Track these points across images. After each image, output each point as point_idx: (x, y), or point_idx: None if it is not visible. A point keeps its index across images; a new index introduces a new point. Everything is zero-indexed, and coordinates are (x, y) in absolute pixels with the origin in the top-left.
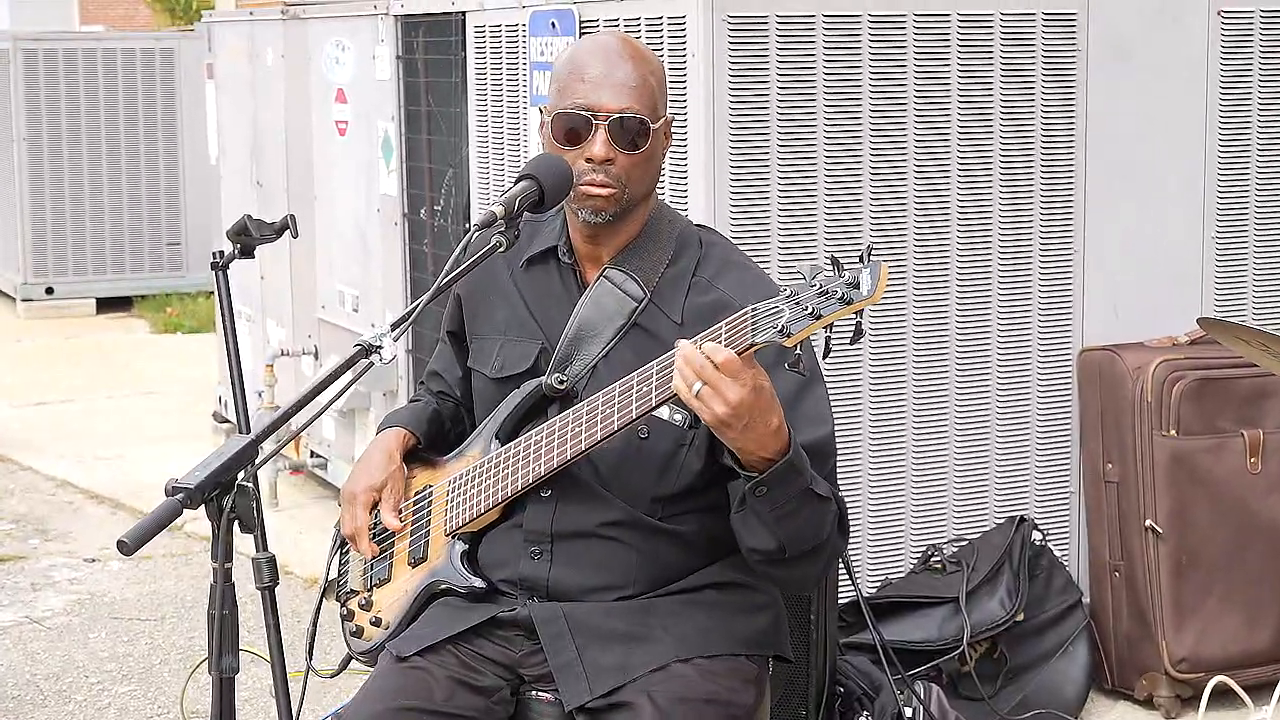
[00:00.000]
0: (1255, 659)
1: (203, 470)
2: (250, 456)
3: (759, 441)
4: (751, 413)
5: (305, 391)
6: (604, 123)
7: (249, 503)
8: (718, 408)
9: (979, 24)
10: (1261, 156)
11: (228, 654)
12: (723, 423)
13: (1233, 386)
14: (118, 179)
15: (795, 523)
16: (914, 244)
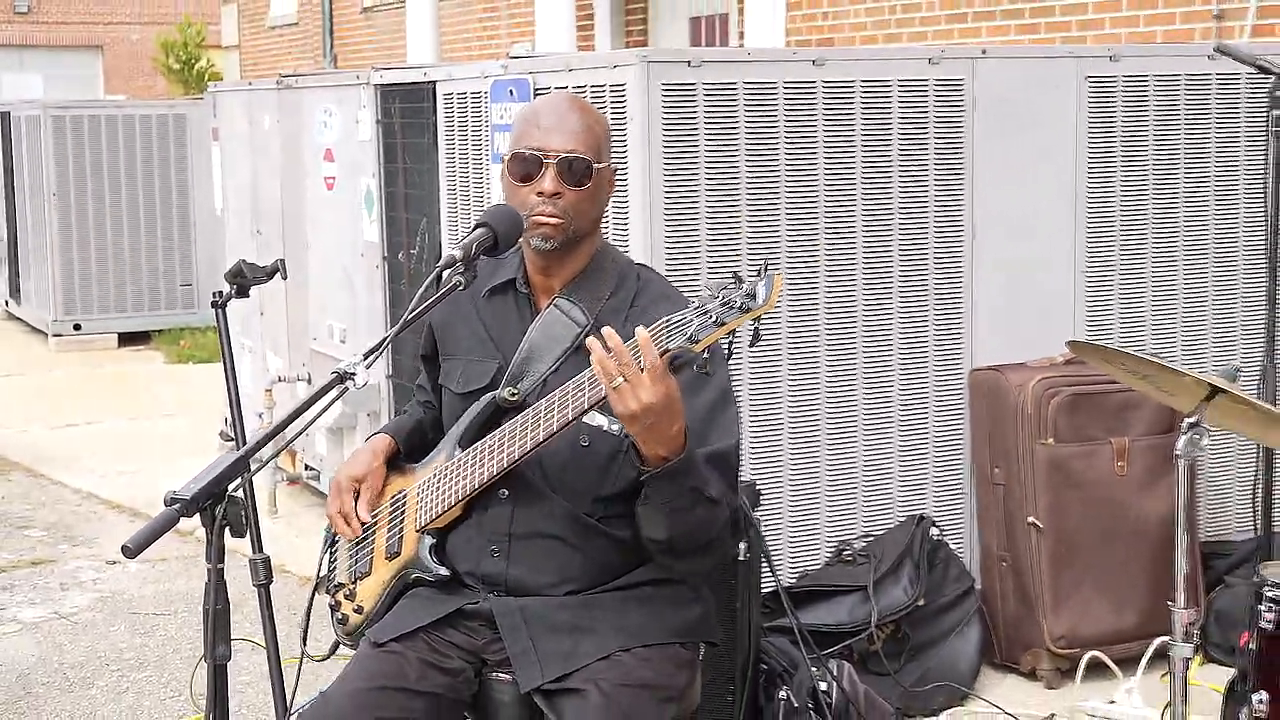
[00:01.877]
0: (1123, 636)
1: (197, 483)
2: (239, 470)
3: (659, 441)
4: (658, 414)
5: (288, 414)
6: (553, 161)
7: (239, 511)
8: (631, 403)
9: (879, 88)
10: (1123, 201)
11: (221, 644)
12: (632, 417)
13: (1102, 400)
14: (136, 228)
15: (685, 519)
16: (825, 276)
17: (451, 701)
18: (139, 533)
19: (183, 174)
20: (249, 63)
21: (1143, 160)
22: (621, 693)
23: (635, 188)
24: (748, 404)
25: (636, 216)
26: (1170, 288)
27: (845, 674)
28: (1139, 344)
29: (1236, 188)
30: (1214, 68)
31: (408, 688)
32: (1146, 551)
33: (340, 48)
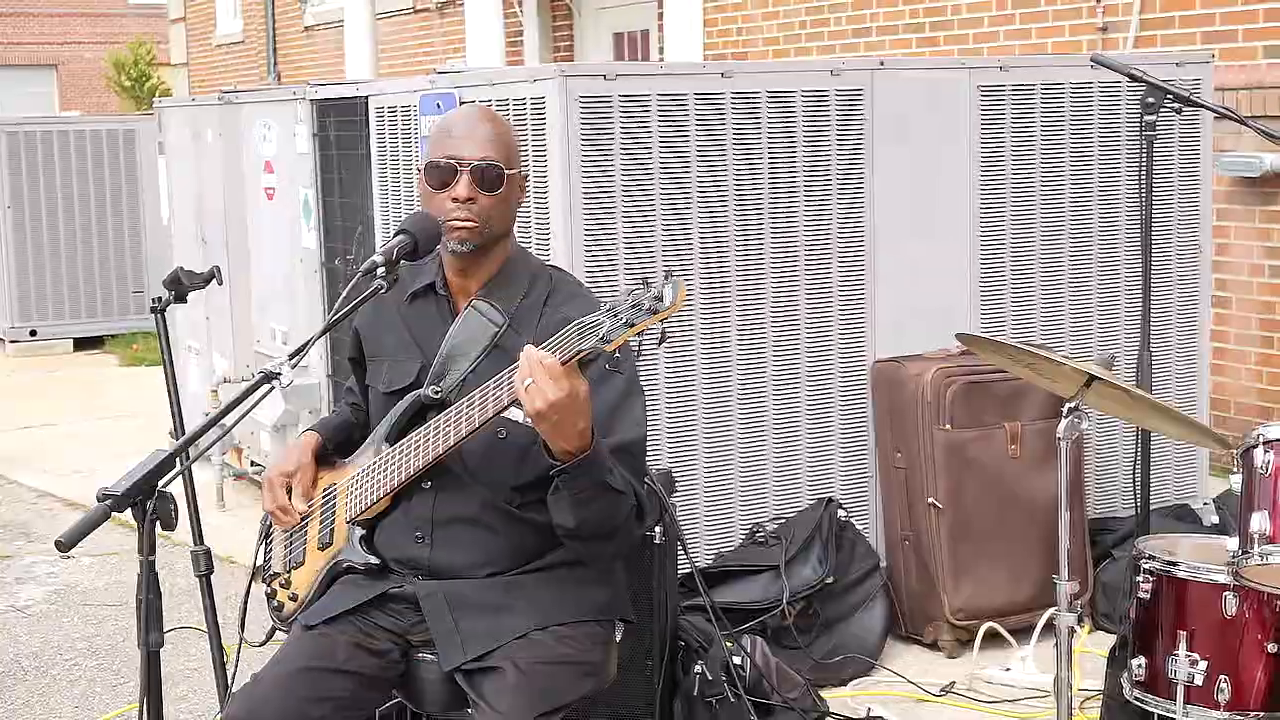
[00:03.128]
0: (1018, 608)
1: (128, 480)
2: (168, 468)
3: (566, 438)
4: (564, 413)
5: (215, 414)
6: (467, 169)
7: (168, 506)
8: (538, 402)
9: (784, 99)
10: (1013, 203)
11: (153, 630)
12: (540, 414)
13: (995, 388)
14: (89, 238)
15: (591, 508)
16: (735, 276)
17: (379, 680)
18: (72, 528)
19: (133, 185)
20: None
21: (1031, 164)
22: (539, 669)
23: (556, 194)
24: (664, 396)
25: (557, 221)
26: (1057, 283)
27: (758, 648)
28: (1029, 336)
29: (1118, 189)
30: (1096, 76)
31: (336, 668)
32: (1038, 528)
33: (284, 64)
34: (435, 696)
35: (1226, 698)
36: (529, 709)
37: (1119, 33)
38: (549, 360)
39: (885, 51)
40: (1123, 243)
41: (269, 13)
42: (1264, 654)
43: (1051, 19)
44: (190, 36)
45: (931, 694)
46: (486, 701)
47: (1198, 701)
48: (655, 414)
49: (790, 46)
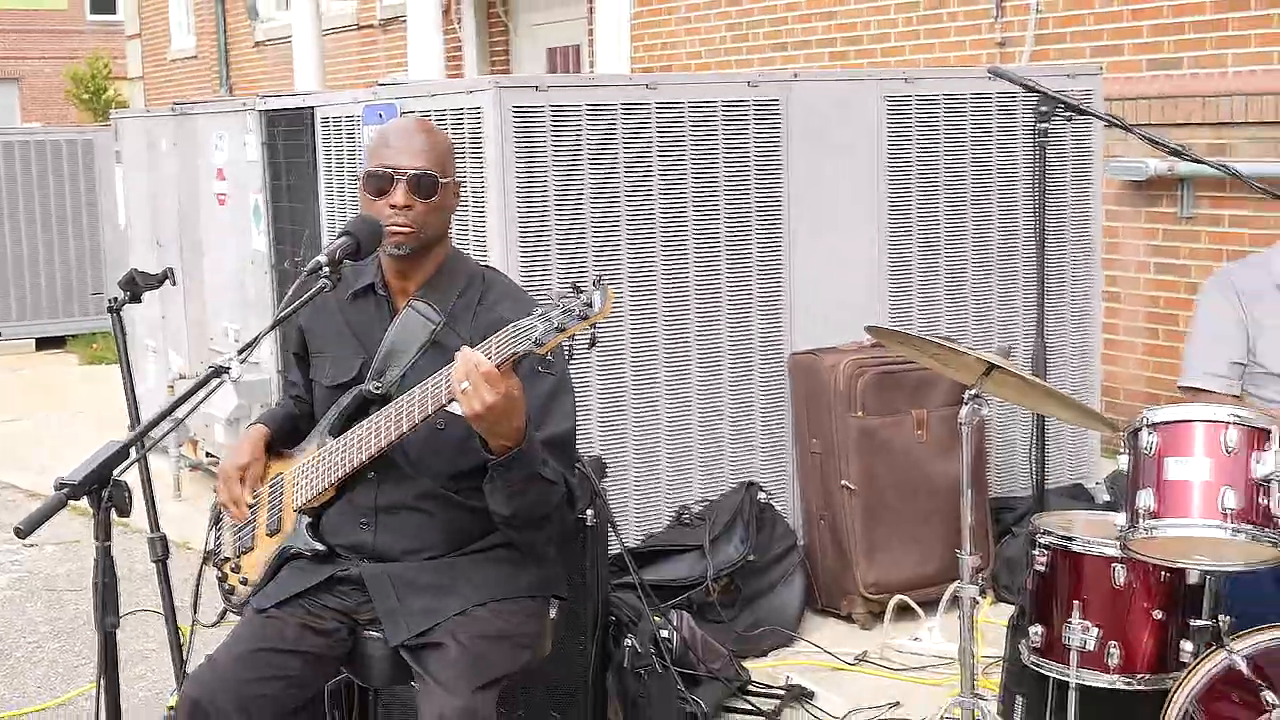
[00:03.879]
0: (926, 582)
1: (83, 469)
2: (122, 457)
3: (503, 435)
4: (499, 414)
5: (167, 406)
6: (403, 178)
7: (123, 494)
8: (475, 405)
9: (705, 108)
10: (919, 205)
11: (109, 613)
12: (477, 416)
13: (903, 377)
14: (50, 242)
15: (525, 498)
16: (661, 274)
17: (328, 659)
18: (30, 515)
19: (92, 193)
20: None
21: (935, 168)
22: (478, 643)
23: (492, 199)
24: (595, 388)
25: (493, 225)
26: (960, 279)
27: (685, 623)
28: (935, 328)
29: (1016, 191)
30: (994, 87)
31: (286, 648)
32: (943, 507)
33: (235, 77)
34: (381, 671)
35: (1117, 662)
36: (469, 680)
37: (1016, 47)
38: (485, 367)
39: (800, 65)
40: (1021, 241)
41: (220, 29)
42: (1150, 620)
43: (954, 34)
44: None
45: (846, 663)
46: (429, 674)
47: (1091, 666)
48: (587, 405)
49: (712, 60)
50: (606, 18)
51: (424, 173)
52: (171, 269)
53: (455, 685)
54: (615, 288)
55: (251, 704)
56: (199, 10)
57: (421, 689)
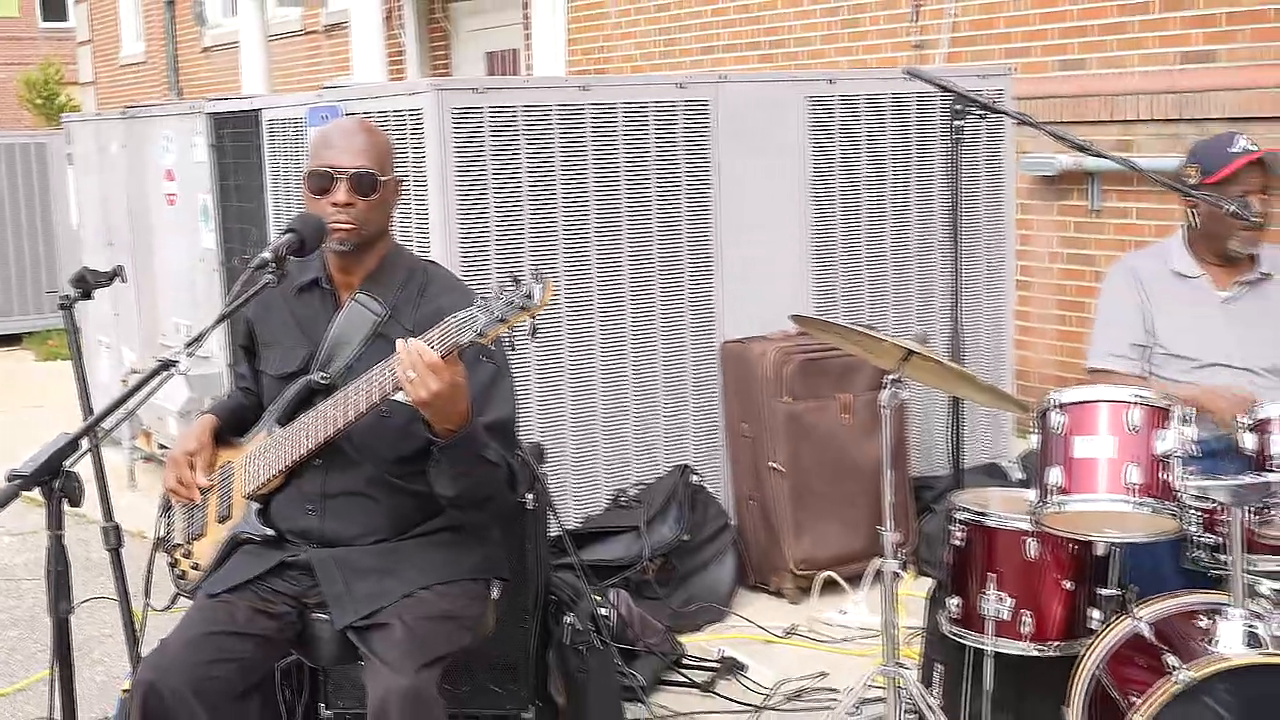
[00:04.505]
0: (852, 558)
1: (35, 461)
2: (73, 449)
3: (447, 419)
4: (444, 400)
5: (116, 398)
6: (344, 176)
7: (74, 484)
8: (421, 393)
9: (637, 109)
10: (842, 199)
11: (62, 600)
12: (423, 403)
13: (828, 364)
14: (5, 243)
15: (469, 480)
16: (596, 267)
17: (277, 641)
18: None
19: (45, 194)
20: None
21: (857, 164)
22: (422, 623)
23: (433, 197)
24: (535, 376)
25: (435, 221)
26: (881, 270)
27: (622, 600)
28: (858, 317)
29: (933, 186)
30: (911, 88)
31: (238, 631)
32: (867, 487)
33: (185, 82)
34: (330, 652)
35: (1030, 630)
36: (414, 659)
37: (932, 49)
38: (430, 356)
39: (729, 67)
40: (938, 233)
41: (169, 35)
42: (1061, 590)
43: (874, 37)
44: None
45: (777, 636)
46: (375, 654)
47: (1005, 634)
48: (526, 393)
49: (645, 63)
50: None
51: (365, 171)
52: (122, 267)
53: (400, 664)
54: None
55: (204, 685)
56: (148, 17)
57: (368, 668)
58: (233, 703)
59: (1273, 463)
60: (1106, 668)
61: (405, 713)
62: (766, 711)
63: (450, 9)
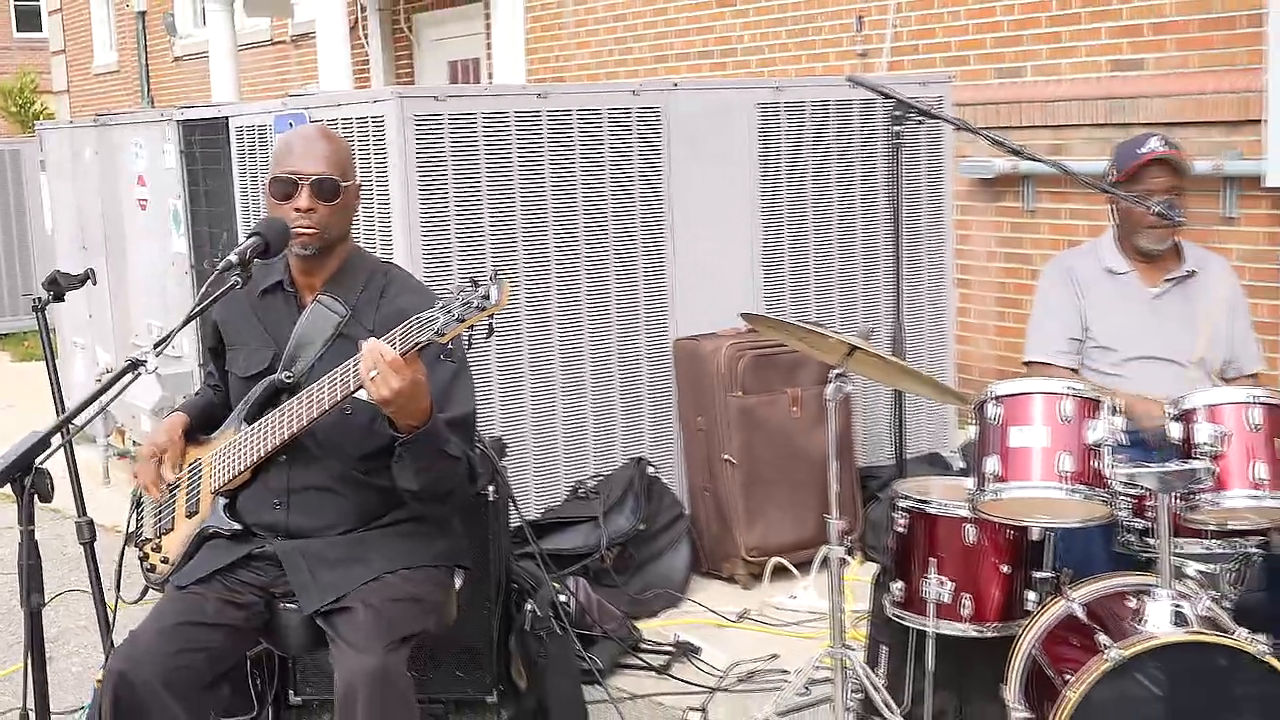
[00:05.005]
0: (801, 545)
1: (5, 459)
2: (43, 447)
3: (409, 416)
4: (406, 398)
5: (86, 397)
6: (307, 182)
7: (44, 480)
8: (383, 390)
9: (592, 116)
10: (789, 201)
11: (34, 593)
12: (385, 400)
13: (778, 359)
14: None
15: (430, 474)
16: (554, 268)
17: (246, 630)
18: None
19: (20, 200)
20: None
21: (803, 167)
22: (387, 605)
23: (396, 201)
24: (496, 374)
25: (398, 224)
26: (827, 269)
27: (581, 588)
28: (805, 314)
29: (876, 188)
30: (855, 95)
31: (207, 622)
32: (816, 477)
33: (156, 90)
34: (298, 640)
35: (969, 612)
36: (380, 639)
37: (875, 58)
38: (390, 355)
39: (681, 75)
40: (882, 234)
41: (141, 45)
42: (998, 574)
43: (820, 46)
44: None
45: (729, 620)
46: (342, 637)
47: (946, 616)
48: (488, 389)
49: (601, 71)
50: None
51: (326, 177)
52: (92, 269)
53: (367, 645)
54: (512, 281)
55: (173, 675)
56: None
57: (335, 652)
58: (202, 691)
59: (1197, 450)
60: (1042, 647)
61: (373, 692)
62: (720, 693)
63: (414, 20)
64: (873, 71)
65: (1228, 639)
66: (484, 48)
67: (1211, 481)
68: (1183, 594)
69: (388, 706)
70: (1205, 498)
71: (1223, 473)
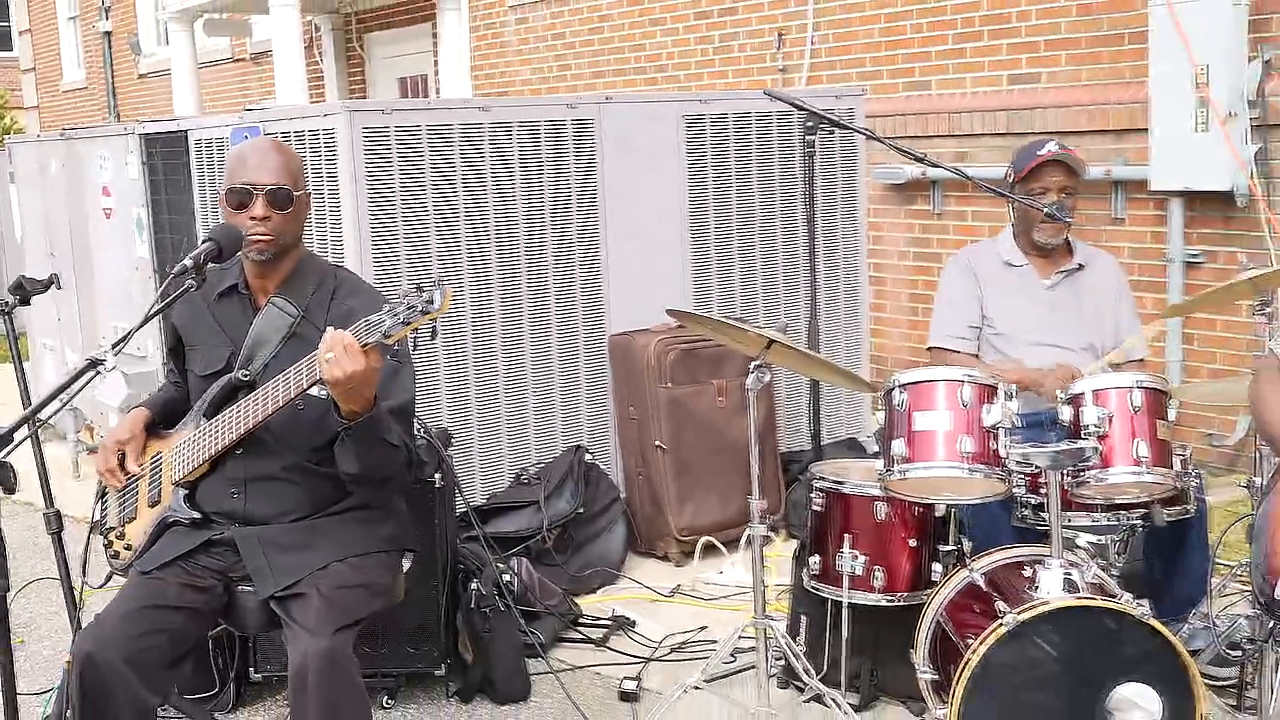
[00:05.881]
0: (728, 525)
1: None
2: (4, 443)
3: (356, 402)
4: (357, 383)
5: (46, 395)
6: (262, 192)
7: (8, 474)
8: (337, 372)
9: (531, 128)
10: (716, 207)
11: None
12: (337, 382)
13: (704, 353)
14: None
15: (371, 459)
16: (497, 271)
17: (206, 612)
18: None
19: None
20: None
21: (727, 174)
22: (337, 592)
23: (346, 209)
24: (443, 369)
25: (349, 231)
26: (751, 268)
27: (523, 567)
28: (731, 310)
29: (795, 193)
30: (774, 107)
31: (169, 605)
32: (741, 461)
33: (122, 106)
34: (255, 621)
35: (881, 583)
36: (330, 623)
37: (795, 73)
38: (348, 340)
39: (616, 89)
40: (800, 235)
41: (107, 63)
42: (907, 548)
43: (743, 62)
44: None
45: (663, 595)
46: (295, 620)
47: (859, 587)
48: (435, 384)
49: (542, 86)
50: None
51: (280, 187)
52: (57, 275)
53: (317, 628)
54: (455, 283)
55: (137, 655)
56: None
57: (289, 633)
58: (164, 670)
59: (1085, 431)
60: (946, 614)
61: (322, 671)
62: (653, 663)
63: (365, 39)
64: (793, 86)
65: (1113, 603)
66: (432, 65)
67: (1097, 459)
68: (1073, 563)
69: (336, 683)
70: (1092, 474)
71: (1107, 451)
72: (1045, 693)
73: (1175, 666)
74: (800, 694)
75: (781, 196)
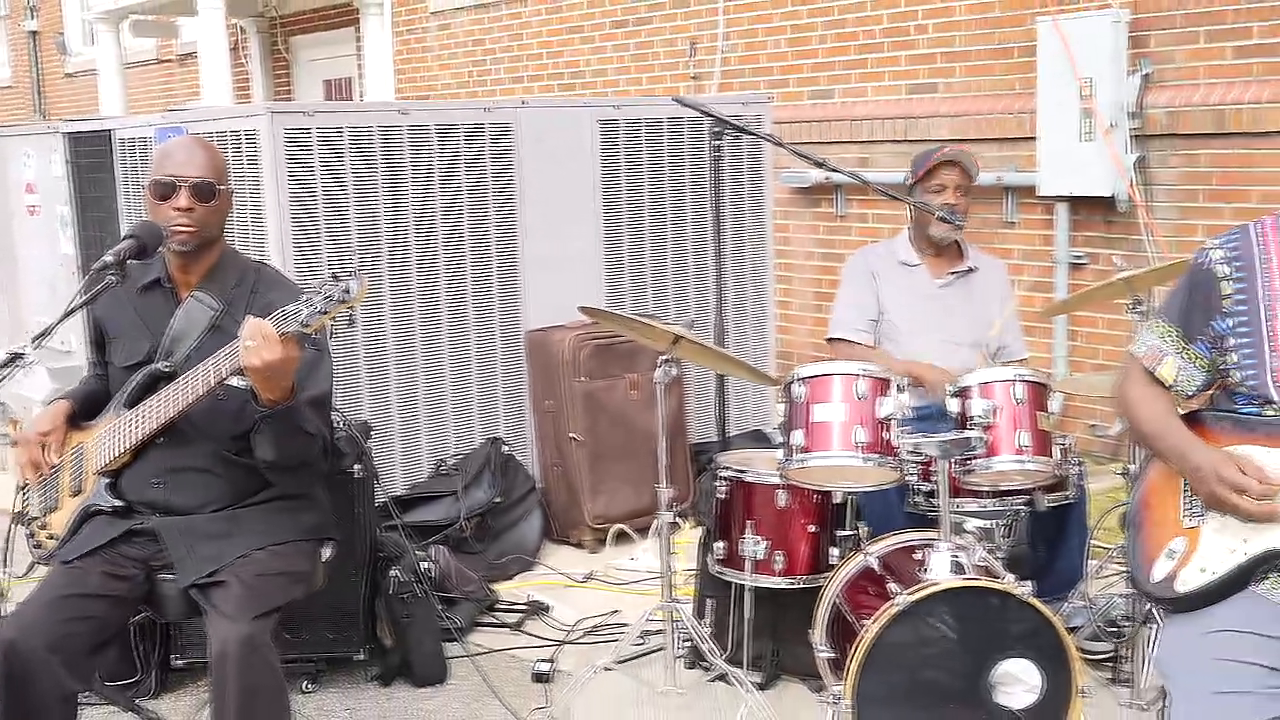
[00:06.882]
0: (641, 513)
1: None
2: None
3: (275, 391)
4: (276, 370)
5: None
6: (186, 184)
7: None
8: (255, 360)
9: (450, 131)
10: (629, 208)
11: None
12: (255, 369)
13: (617, 348)
14: None
15: (288, 447)
16: (415, 268)
17: (128, 600)
18: None
19: None
20: None
21: (640, 177)
22: (257, 580)
23: (269, 206)
24: (363, 362)
25: (271, 228)
26: (662, 267)
27: (442, 555)
28: (643, 307)
29: (704, 196)
30: (684, 113)
31: (91, 593)
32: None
33: (49, 104)
34: (176, 608)
35: (782, 567)
36: (250, 610)
37: (707, 80)
38: (268, 329)
39: (535, 95)
40: (710, 236)
41: (34, 62)
42: (807, 533)
43: (658, 70)
44: None
45: (577, 581)
46: (215, 607)
47: (762, 571)
48: (355, 376)
49: (462, 91)
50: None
51: (204, 181)
52: None
53: (237, 615)
54: (376, 277)
55: (60, 642)
56: (14, 45)
57: (209, 620)
58: (87, 657)
59: (972, 422)
60: (843, 595)
61: (242, 656)
62: (567, 645)
63: (291, 41)
64: (705, 93)
65: (998, 584)
66: (356, 68)
67: (984, 449)
68: (961, 546)
69: (255, 668)
70: (979, 463)
71: (993, 441)
72: (934, 668)
73: (1054, 643)
74: (706, 673)
75: (692, 199)
